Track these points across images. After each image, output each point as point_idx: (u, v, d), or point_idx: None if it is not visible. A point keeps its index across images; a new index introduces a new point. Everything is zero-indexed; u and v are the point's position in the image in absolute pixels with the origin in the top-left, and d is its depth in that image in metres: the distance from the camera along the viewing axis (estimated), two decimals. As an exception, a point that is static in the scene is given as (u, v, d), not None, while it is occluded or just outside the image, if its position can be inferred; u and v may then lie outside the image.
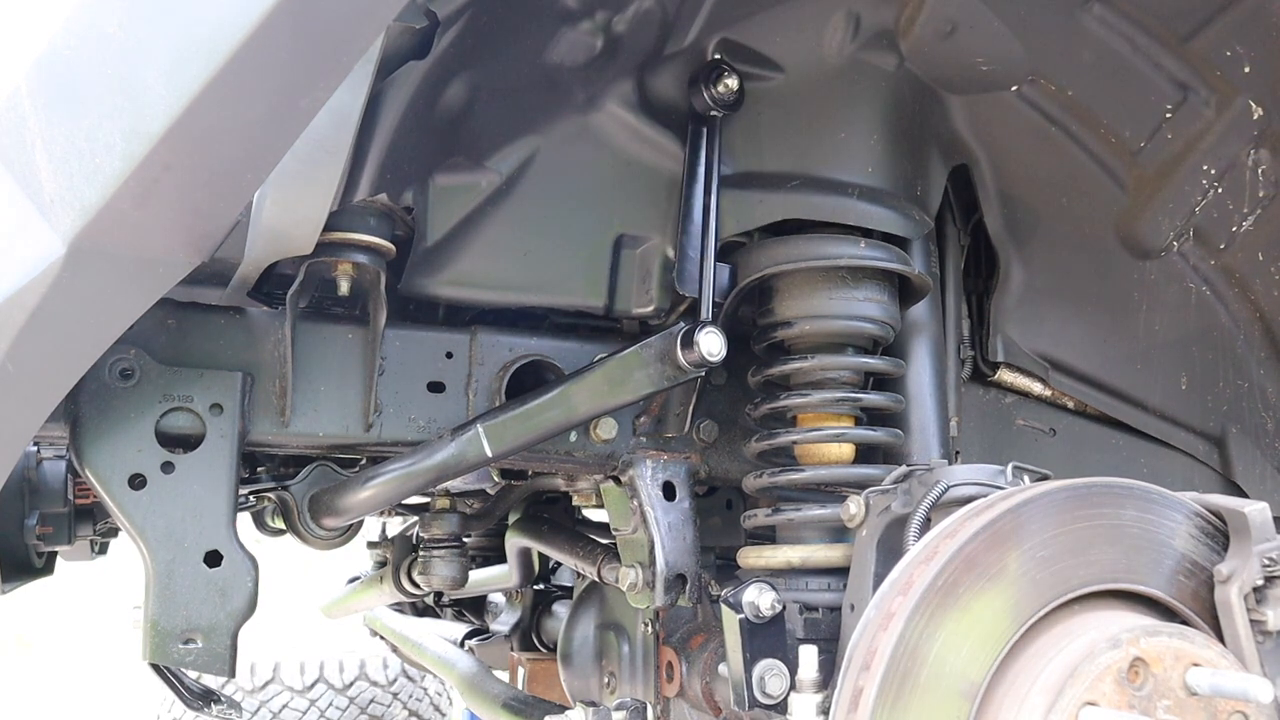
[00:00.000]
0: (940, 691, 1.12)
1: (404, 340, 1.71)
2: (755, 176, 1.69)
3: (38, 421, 1.26)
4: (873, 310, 1.67)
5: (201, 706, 2.21)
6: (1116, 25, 1.73)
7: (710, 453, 1.87)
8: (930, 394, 1.81)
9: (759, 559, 1.62)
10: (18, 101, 1.04)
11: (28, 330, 1.11)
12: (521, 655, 3.28)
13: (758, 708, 1.36)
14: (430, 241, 1.60)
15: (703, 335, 1.49)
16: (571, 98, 1.63)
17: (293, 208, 1.34)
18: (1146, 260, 2.04)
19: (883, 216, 1.66)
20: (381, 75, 1.38)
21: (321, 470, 1.85)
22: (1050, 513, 1.19)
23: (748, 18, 1.64)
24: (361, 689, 5.52)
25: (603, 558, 2.00)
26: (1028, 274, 1.99)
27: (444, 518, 2.62)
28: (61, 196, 1.03)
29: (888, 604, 1.16)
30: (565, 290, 1.69)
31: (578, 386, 1.60)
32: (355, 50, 1.02)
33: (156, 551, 1.51)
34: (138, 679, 5.33)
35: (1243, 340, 2.15)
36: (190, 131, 0.98)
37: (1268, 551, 1.22)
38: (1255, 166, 1.96)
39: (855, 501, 1.41)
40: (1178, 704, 1.12)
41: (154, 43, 0.96)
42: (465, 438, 1.59)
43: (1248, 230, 2.03)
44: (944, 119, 1.80)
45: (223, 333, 1.61)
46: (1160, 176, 1.95)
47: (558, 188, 1.66)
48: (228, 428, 1.56)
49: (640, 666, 2.05)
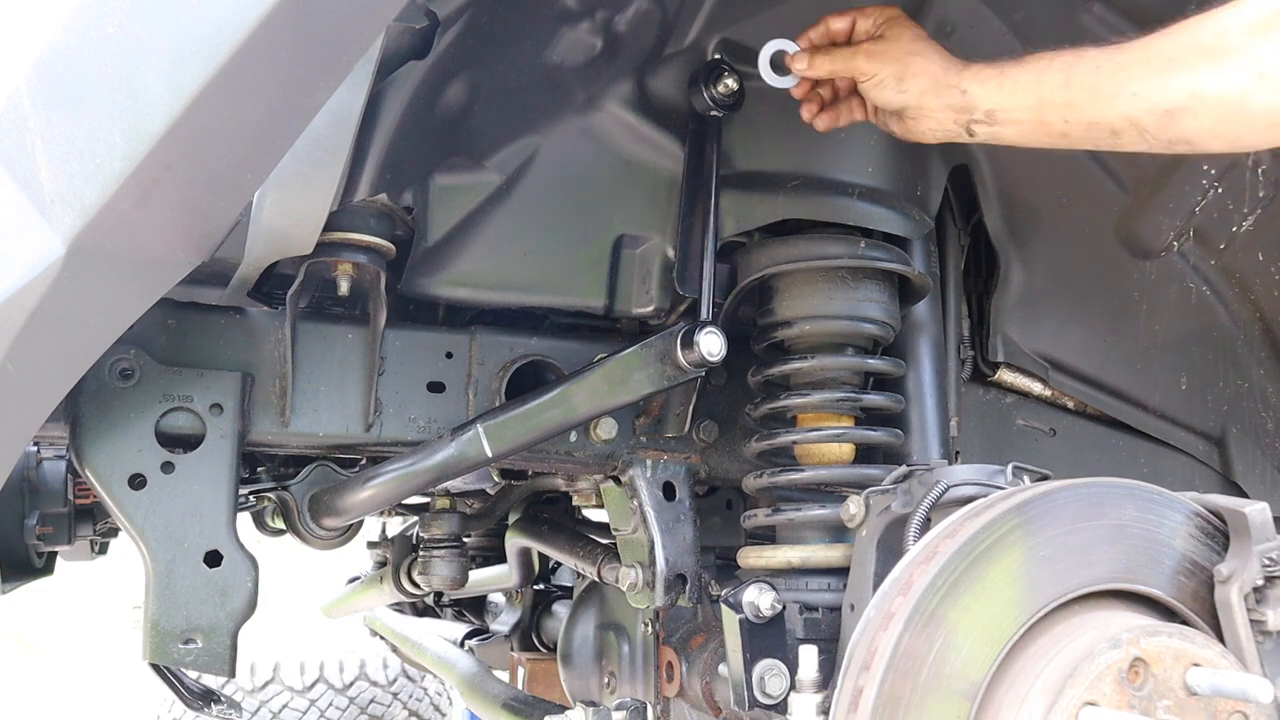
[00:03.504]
0: (940, 691, 1.12)
1: (404, 340, 1.71)
2: (755, 176, 1.69)
3: (38, 421, 1.26)
4: (873, 310, 1.67)
5: (201, 706, 2.21)
6: (1116, 25, 1.73)
7: (710, 453, 1.87)
8: (930, 394, 1.81)
9: (759, 559, 1.62)
10: (18, 101, 1.04)
11: (28, 330, 1.11)
12: (521, 655, 3.28)
13: (758, 708, 1.36)
14: (430, 241, 1.60)
15: (703, 335, 1.49)
16: (571, 98, 1.63)
17: (293, 208, 1.34)
18: (1146, 260, 2.05)
19: (883, 217, 1.66)
20: (381, 75, 1.38)
21: (321, 470, 1.85)
22: (1050, 513, 1.19)
23: (748, 18, 1.64)
24: (361, 689, 5.51)
25: (603, 558, 2.00)
26: (1028, 274, 1.99)
27: (444, 518, 2.61)
28: (61, 196, 1.03)
29: (888, 604, 1.16)
30: (565, 290, 1.69)
31: (578, 386, 1.60)
32: (355, 50, 1.02)
33: (156, 551, 1.51)
34: (138, 679, 5.33)
35: (1243, 340, 2.16)
36: (190, 131, 0.98)
37: (1268, 551, 1.22)
38: (1255, 166, 1.96)
39: (855, 501, 1.41)
40: (1178, 704, 1.12)
41: (154, 43, 0.96)
42: (465, 438, 1.59)
43: (1248, 230, 2.03)
44: (944, 119, 1.80)
45: (223, 333, 1.61)
46: (1160, 176, 1.95)
47: (558, 188, 1.66)
48: (228, 428, 1.56)
49: (640, 666, 2.05)
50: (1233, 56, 1.16)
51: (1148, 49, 1.22)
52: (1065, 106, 1.27)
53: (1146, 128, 1.23)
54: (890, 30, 1.45)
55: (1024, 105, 1.31)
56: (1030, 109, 1.31)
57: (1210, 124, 1.20)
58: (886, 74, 1.43)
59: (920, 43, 1.43)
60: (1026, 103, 1.31)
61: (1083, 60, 1.26)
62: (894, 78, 1.42)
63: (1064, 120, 1.28)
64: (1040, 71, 1.29)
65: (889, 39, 1.45)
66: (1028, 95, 1.30)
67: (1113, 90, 1.23)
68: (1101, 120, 1.25)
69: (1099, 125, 1.26)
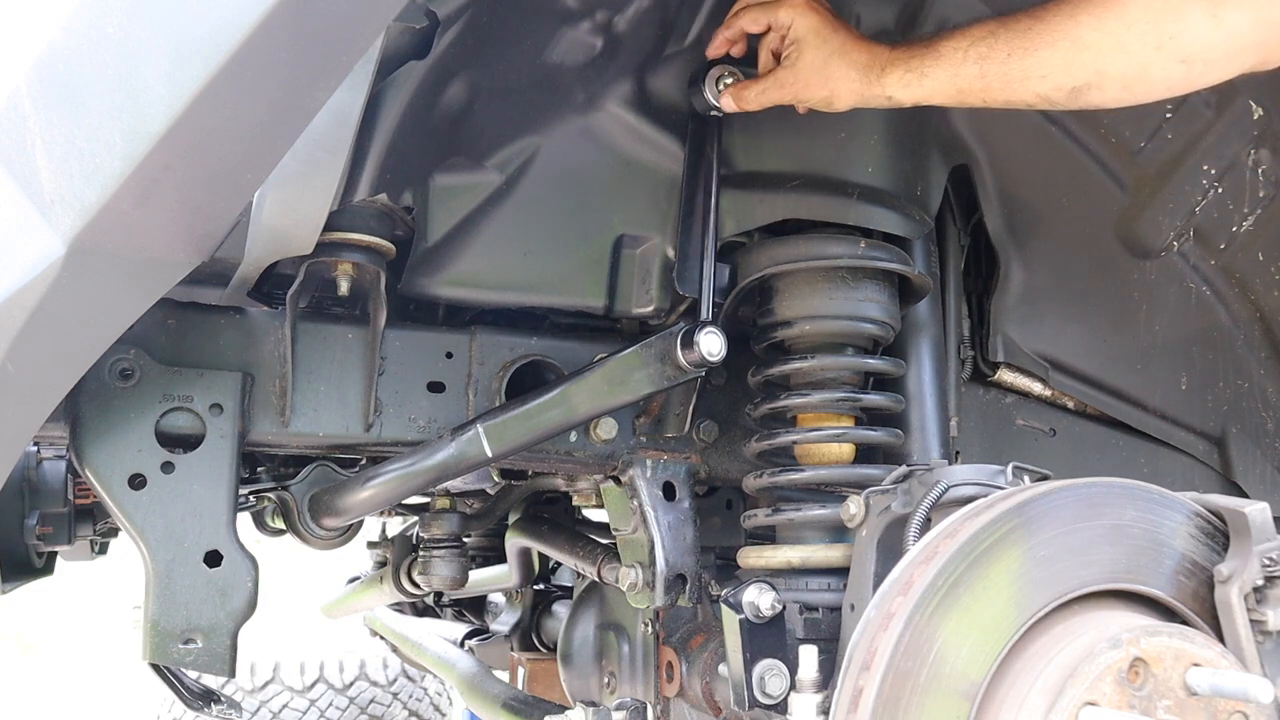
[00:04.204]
0: (940, 691, 1.12)
1: (404, 340, 1.71)
2: (755, 176, 1.69)
3: (38, 421, 1.26)
4: (873, 310, 1.67)
5: (201, 706, 2.21)
6: None
7: (710, 453, 1.87)
8: (930, 394, 1.81)
9: (759, 559, 1.62)
10: (18, 101, 1.04)
11: (28, 330, 1.11)
12: (521, 655, 3.28)
13: (758, 708, 1.36)
14: (430, 241, 1.60)
15: (703, 335, 1.49)
16: (571, 98, 1.63)
17: (293, 208, 1.34)
18: (1146, 260, 2.04)
19: (883, 216, 1.66)
20: (381, 75, 1.38)
21: (321, 470, 1.85)
22: (1050, 513, 1.19)
23: (748, 18, 1.64)
24: (361, 689, 5.51)
25: (603, 558, 2.00)
26: (1028, 274, 1.99)
27: (444, 518, 2.61)
28: (61, 196, 1.03)
29: (888, 604, 1.16)
30: (565, 290, 1.69)
31: (578, 386, 1.60)
32: (355, 50, 1.02)
33: (156, 551, 1.51)
34: (138, 679, 5.33)
35: (1243, 340, 2.15)
36: (190, 131, 0.98)
37: (1268, 551, 1.22)
38: (1255, 166, 1.96)
39: (855, 501, 1.41)
40: (1178, 704, 1.12)
41: (154, 43, 0.96)
42: (465, 438, 1.59)
43: (1248, 230, 2.03)
44: (944, 119, 1.80)
45: (223, 333, 1.61)
46: (1160, 176, 1.95)
47: (558, 188, 1.66)
48: (228, 428, 1.56)
49: (640, 666, 2.04)
50: (1133, 31, 1.27)
51: (1054, 31, 1.33)
52: (982, 92, 1.40)
53: (1056, 101, 1.38)
54: (801, 53, 1.49)
55: (943, 95, 1.43)
56: (949, 97, 1.43)
57: (1115, 94, 1.35)
58: (814, 100, 1.51)
59: (834, 59, 1.47)
60: (946, 93, 1.42)
61: (995, 50, 1.36)
62: (822, 103, 1.51)
63: (982, 101, 1.42)
64: (957, 65, 1.39)
65: (803, 62, 1.48)
66: (947, 88, 1.41)
67: (1023, 76, 1.36)
68: (1015, 99, 1.39)
69: (1013, 102, 1.40)
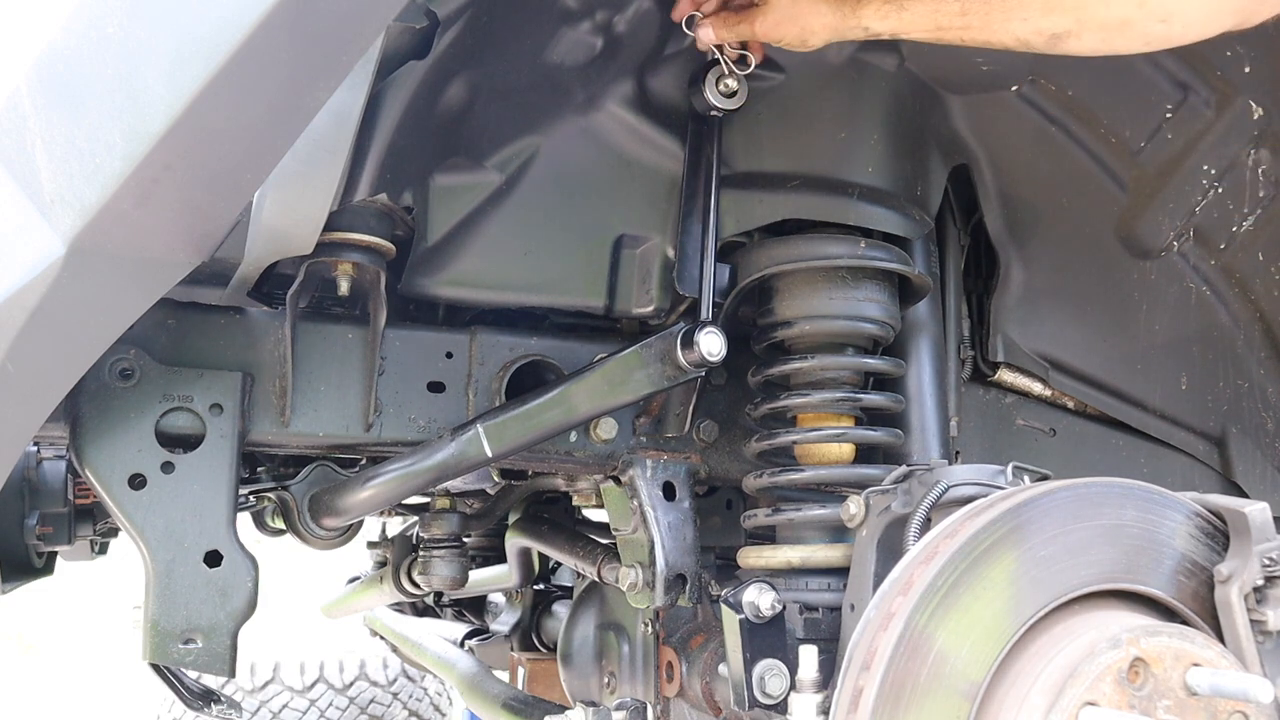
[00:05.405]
0: (940, 691, 1.12)
1: (404, 340, 1.71)
2: (755, 176, 1.69)
3: (38, 421, 1.26)
4: (873, 310, 1.67)
5: (201, 706, 2.21)
6: None
7: (710, 453, 1.86)
8: (930, 394, 1.81)
9: (759, 559, 1.62)
10: (18, 101, 1.04)
11: (28, 330, 1.11)
12: (521, 655, 3.28)
13: (758, 708, 1.36)
14: (430, 241, 1.60)
15: (703, 335, 1.49)
16: (571, 98, 1.63)
17: (293, 208, 1.34)
18: (1146, 260, 2.04)
19: (883, 216, 1.66)
20: (381, 75, 1.38)
21: (321, 470, 1.85)
22: (1050, 513, 1.19)
23: (748, 18, 1.64)
24: (361, 689, 5.51)
25: (603, 558, 2.00)
26: (1028, 274, 1.99)
27: (444, 518, 2.61)
28: (61, 196, 1.04)
29: (888, 604, 1.16)
30: (565, 290, 1.69)
31: (578, 386, 1.60)
32: (355, 50, 1.02)
33: (156, 551, 1.51)
34: (138, 679, 5.33)
35: (1243, 340, 2.15)
36: (190, 131, 0.98)
37: (1268, 551, 1.22)
38: (1255, 166, 1.96)
39: (855, 501, 1.41)
40: (1178, 704, 1.12)
41: (154, 43, 0.97)
42: (465, 438, 1.59)
43: (1248, 230, 2.03)
44: (944, 119, 1.80)
45: (223, 333, 1.61)
46: (1160, 176, 1.95)
47: (558, 188, 1.66)
48: (228, 428, 1.56)
49: (640, 666, 2.04)
50: None
51: None
52: (962, 30, 1.39)
53: (1034, 46, 1.38)
54: None
55: (922, 30, 1.42)
56: (928, 32, 1.42)
57: (1093, 44, 1.36)
58: (789, 38, 1.49)
59: None
60: (924, 28, 1.41)
61: None
62: (797, 40, 1.48)
63: (959, 39, 1.41)
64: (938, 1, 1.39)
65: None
66: (925, 22, 1.41)
67: (1004, 18, 1.36)
68: (994, 41, 1.39)
69: (991, 43, 1.40)
